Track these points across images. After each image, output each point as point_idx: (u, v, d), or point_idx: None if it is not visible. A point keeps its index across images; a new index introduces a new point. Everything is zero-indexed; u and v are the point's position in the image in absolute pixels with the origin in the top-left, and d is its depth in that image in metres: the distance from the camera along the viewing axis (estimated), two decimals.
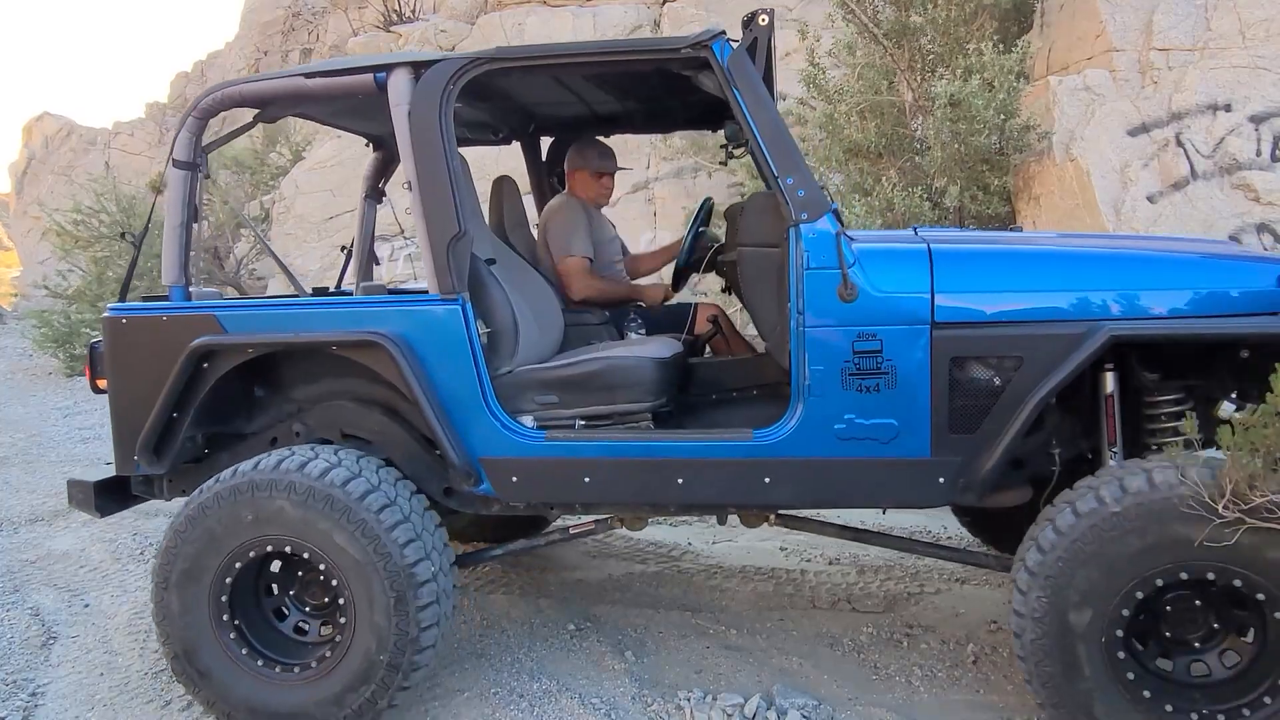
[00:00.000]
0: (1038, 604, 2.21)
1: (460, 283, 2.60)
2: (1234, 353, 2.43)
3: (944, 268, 2.41)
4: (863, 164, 6.54)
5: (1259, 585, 2.07)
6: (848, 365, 2.41)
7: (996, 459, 2.34)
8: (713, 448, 2.54)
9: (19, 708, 2.62)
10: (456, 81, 2.61)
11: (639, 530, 3.10)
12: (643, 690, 2.81)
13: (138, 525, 4.42)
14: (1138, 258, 2.57)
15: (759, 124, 2.46)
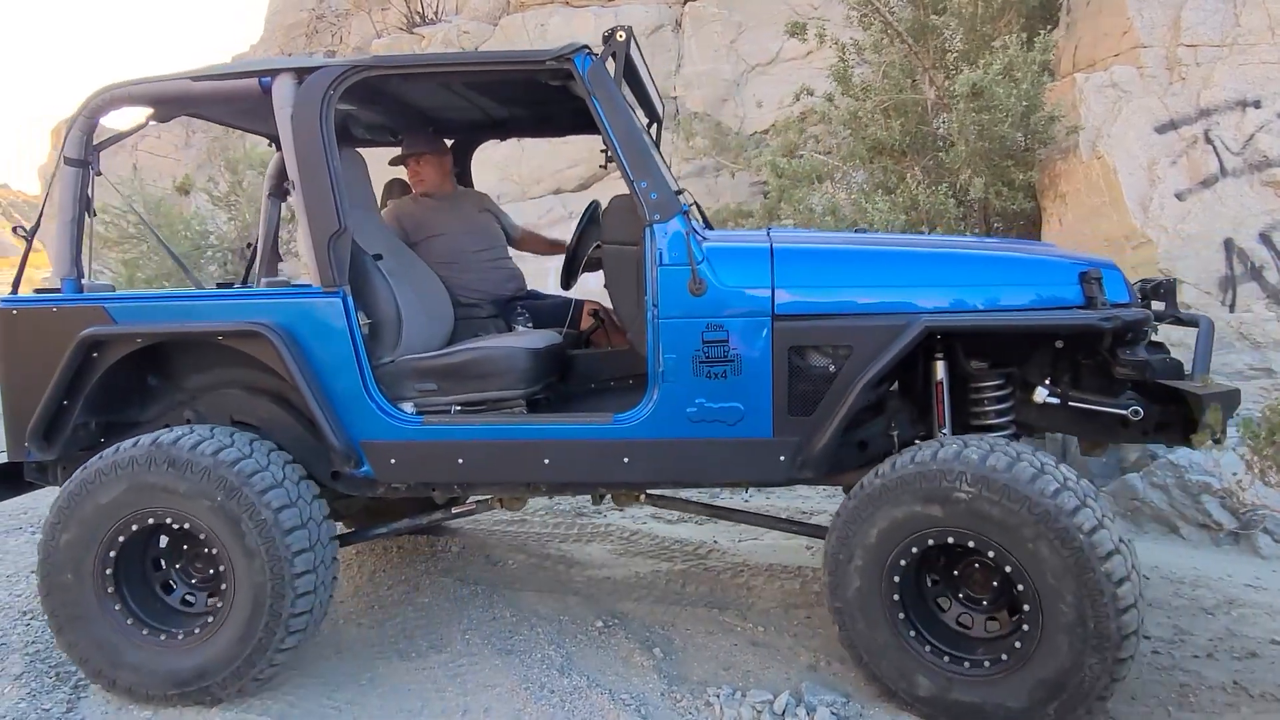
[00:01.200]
0: (834, 545, 2.55)
1: (341, 276, 2.77)
2: (1049, 343, 2.72)
3: (784, 265, 2.65)
4: (886, 162, 6.53)
5: (1009, 560, 2.34)
6: (698, 354, 2.63)
7: (828, 438, 2.58)
8: (577, 430, 2.77)
9: (63, 700, 2.69)
10: (337, 87, 2.78)
11: (516, 510, 3.33)
12: (671, 687, 2.84)
13: None
14: (955, 257, 2.83)
15: (616, 131, 2.66)
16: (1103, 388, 2.72)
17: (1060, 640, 2.30)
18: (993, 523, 2.34)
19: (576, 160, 9.99)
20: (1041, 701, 2.35)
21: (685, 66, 10.16)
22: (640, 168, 2.66)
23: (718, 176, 9.64)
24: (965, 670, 2.47)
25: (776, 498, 4.99)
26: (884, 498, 2.46)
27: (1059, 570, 2.27)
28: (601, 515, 4.80)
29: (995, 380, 2.77)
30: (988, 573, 2.51)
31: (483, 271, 3.77)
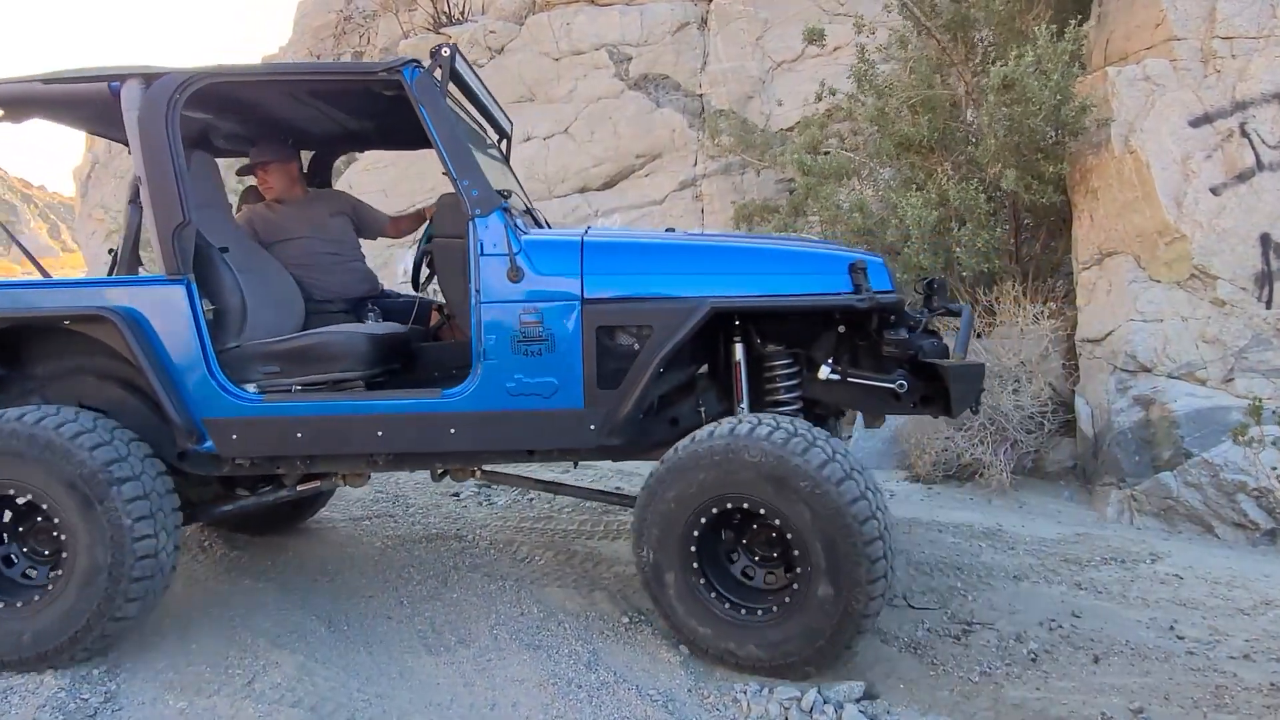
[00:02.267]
0: (642, 504, 2.84)
1: (185, 265, 2.98)
2: (832, 327, 3.11)
3: (592, 257, 2.96)
4: (914, 158, 6.48)
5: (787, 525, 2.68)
6: (516, 335, 2.92)
7: (630, 408, 2.90)
8: (407, 405, 3.01)
9: (103, 691, 2.74)
10: (181, 92, 2.99)
11: (359, 486, 3.53)
12: (698, 683, 2.84)
13: None
14: (741, 250, 3.16)
15: (440, 135, 2.93)
16: (877, 366, 3.12)
17: (825, 587, 2.65)
18: (770, 489, 2.67)
19: (601, 159, 10.01)
20: (800, 637, 2.72)
21: (711, 64, 10.14)
22: (463, 168, 2.94)
23: (743, 174, 9.61)
24: (755, 618, 2.80)
25: None
26: (683, 469, 2.76)
27: (823, 529, 2.62)
28: (628, 512, 4.81)
29: (785, 361, 3.14)
30: (771, 534, 2.84)
31: (334, 272, 3.92)
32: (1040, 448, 5.35)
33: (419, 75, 2.94)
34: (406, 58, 2.96)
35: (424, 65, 2.98)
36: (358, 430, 3.01)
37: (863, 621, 2.67)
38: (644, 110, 10.06)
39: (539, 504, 4.94)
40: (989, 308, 5.60)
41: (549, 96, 10.52)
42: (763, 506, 2.71)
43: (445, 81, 2.98)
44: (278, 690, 2.75)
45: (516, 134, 10.71)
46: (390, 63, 2.93)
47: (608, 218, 9.83)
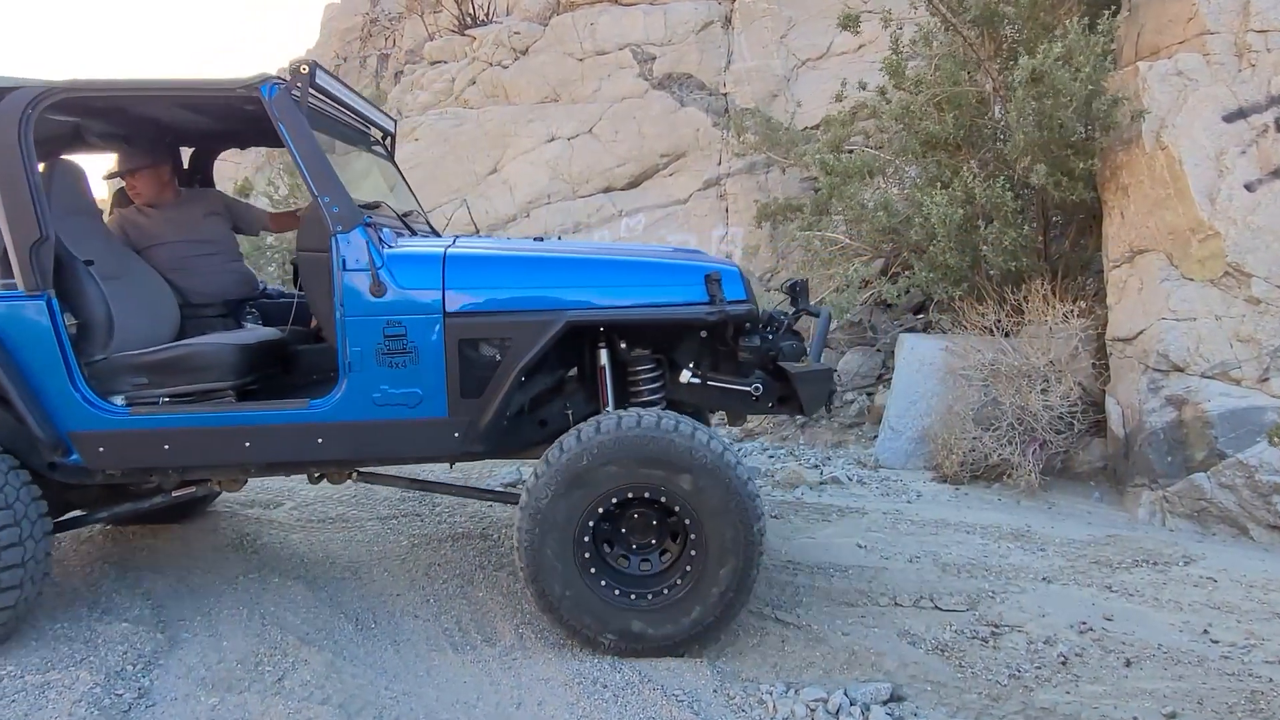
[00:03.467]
0: (534, 501, 2.85)
1: (44, 281, 2.97)
2: (694, 333, 3.21)
3: (454, 270, 3.00)
4: (940, 156, 6.43)
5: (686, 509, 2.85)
6: (380, 346, 2.96)
7: (491, 416, 2.98)
8: (275, 415, 3.04)
9: (137, 687, 2.78)
10: (35, 106, 2.98)
11: (235, 492, 3.58)
12: (724, 683, 2.83)
13: (236, 514, 4.62)
14: (600, 262, 3.21)
15: (300, 152, 2.96)
16: (737, 370, 3.27)
17: (721, 556, 2.85)
18: (664, 473, 2.82)
19: (626, 159, 10.01)
20: (714, 607, 2.89)
21: (735, 62, 10.12)
22: (323, 184, 2.96)
23: (768, 172, 9.58)
24: (652, 602, 2.92)
25: None
26: (573, 464, 2.83)
27: (719, 503, 2.82)
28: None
29: (648, 365, 3.26)
30: (658, 519, 2.97)
31: (210, 275, 3.88)
32: (1070, 448, 5.29)
33: (277, 92, 2.98)
34: (266, 75, 3.00)
35: (282, 82, 3.01)
36: (225, 441, 3.04)
37: (751, 589, 2.92)
38: (668, 110, 10.05)
39: None
40: (1017, 306, 5.54)
41: (573, 96, 10.54)
42: (654, 491, 2.85)
43: (305, 98, 3.01)
44: (307, 687, 2.77)
45: (541, 134, 10.77)
46: (249, 80, 2.97)
47: (632, 217, 9.84)
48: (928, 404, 5.76)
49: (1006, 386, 5.25)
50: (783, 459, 6.08)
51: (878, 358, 7.01)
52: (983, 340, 5.55)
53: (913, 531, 4.41)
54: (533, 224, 10.04)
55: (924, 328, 6.81)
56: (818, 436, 6.61)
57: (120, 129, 3.81)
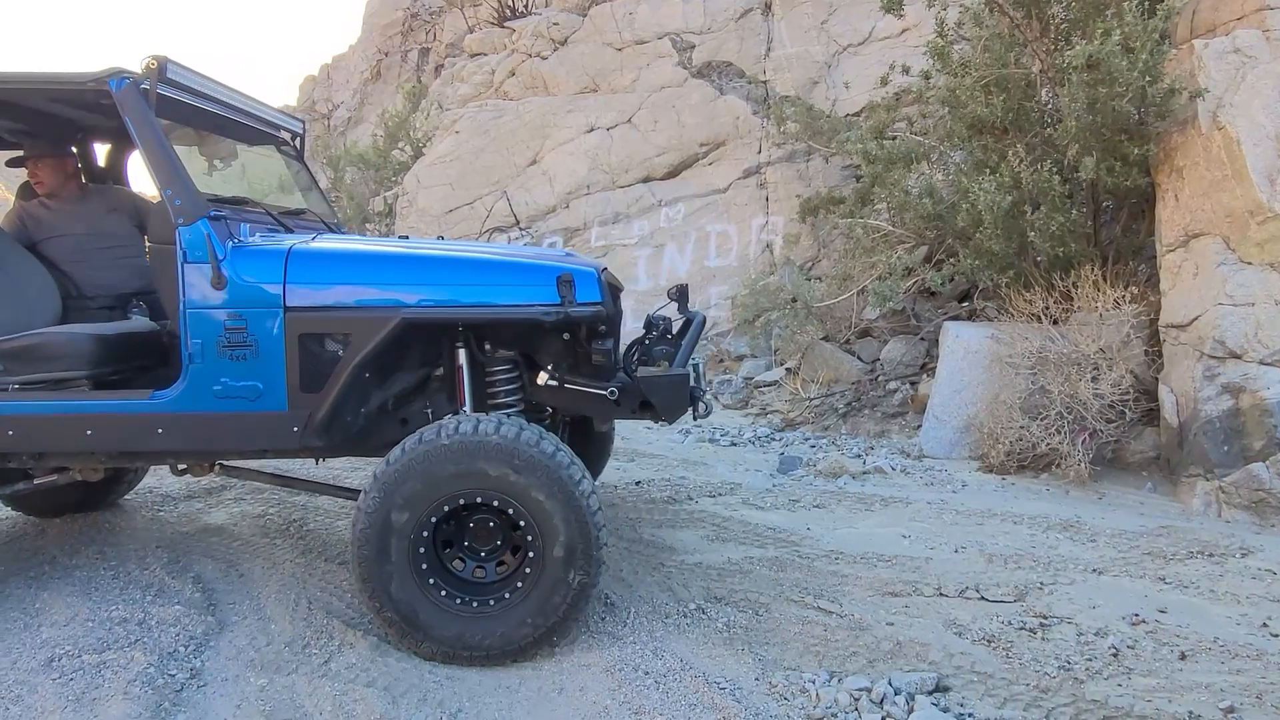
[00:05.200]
0: (371, 503, 2.79)
1: None
2: (555, 335, 3.17)
3: (296, 266, 2.99)
4: (987, 140, 6.31)
5: (522, 514, 2.81)
6: (221, 339, 2.95)
7: (325, 411, 2.96)
8: (116, 405, 3.05)
9: (189, 668, 2.84)
10: None
11: (94, 479, 3.59)
12: (765, 671, 2.82)
13: (284, 501, 4.70)
14: (446, 259, 3.17)
15: (144, 145, 2.99)
16: (598, 373, 3.21)
17: (559, 564, 2.81)
18: (545, 511, 2.79)
19: (665, 148, 9.98)
20: (553, 611, 2.84)
21: (775, 49, 10.03)
22: (166, 177, 2.98)
23: (809, 160, 9.49)
24: (486, 608, 2.87)
25: None
26: (411, 466, 2.79)
27: (557, 510, 2.78)
28: (693, 501, 4.80)
29: (505, 366, 3.24)
30: (496, 524, 2.94)
31: (106, 269, 3.91)
32: (1121, 437, 5.17)
33: (124, 85, 2.99)
34: (115, 69, 3.01)
35: (131, 75, 3.01)
36: (66, 429, 3.04)
37: (591, 590, 2.88)
38: (707, 98, 10.00)
39: (604, 493, 4.96)
40: (1066, 293, 5.42)
41: (612, 87, 10.53)
42: (487, 496, 2.81)
43: (154, 91, 3.01)
44: (353, 670, 2.81)
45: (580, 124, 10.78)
46: (97, 74, 2.99)
47: (671, 207, 9.81)
48: (973, 393, 5.67)
49: (1055, 375, 5.14)
50: (825, 449, 6.03)
51: (921, 346, 6.91)
52: (1030, 328, 5.44)
53: (958, 522, 4.35)
54: (572, 215, 10.07)
55: (969, 316, 6.69)
56: (860, 426, 6.53)
57: (22, 124, 3.86)
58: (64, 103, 3.59)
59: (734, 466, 5.68)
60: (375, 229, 12.31)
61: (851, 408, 6.76)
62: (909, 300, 7.25)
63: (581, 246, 9.87)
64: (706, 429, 6.75)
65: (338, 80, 22.09)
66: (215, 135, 3.80)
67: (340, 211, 12.59)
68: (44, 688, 2.67)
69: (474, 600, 2.88)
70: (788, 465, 5.49)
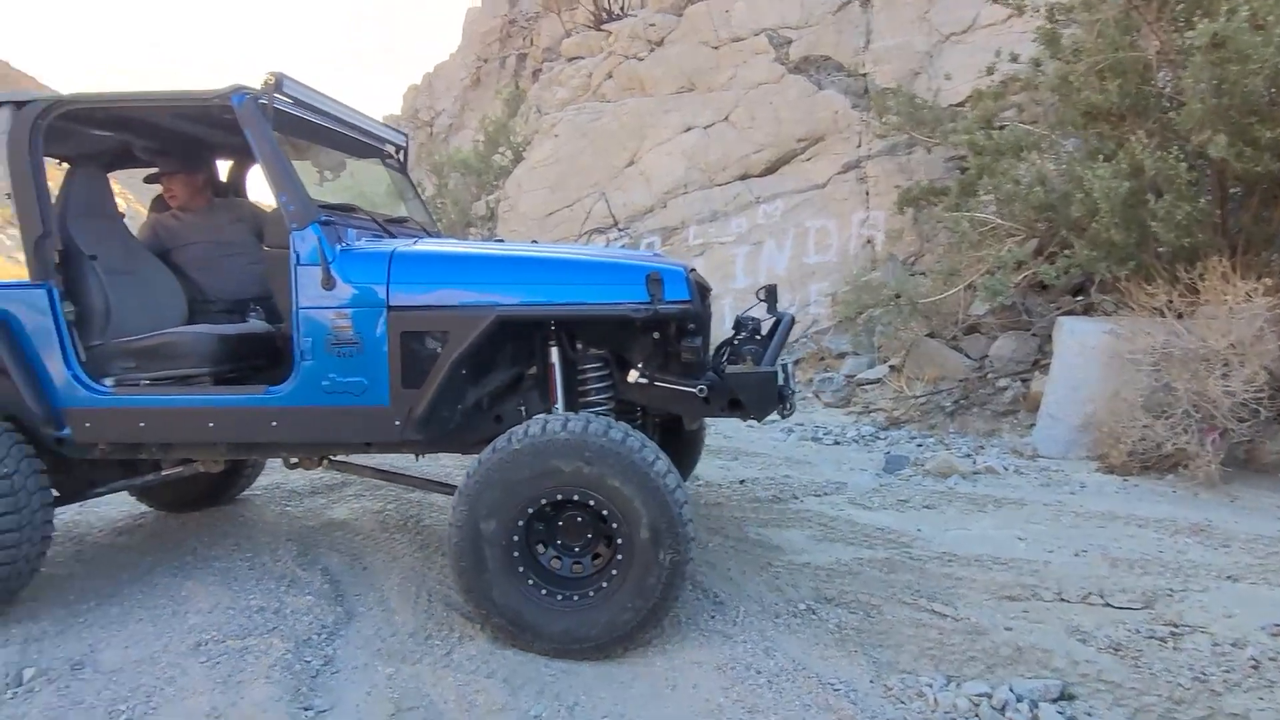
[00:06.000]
0: (459, 516, 2.91)
1: (46, 272, 3.30)
2: (646, 334, 3.23)
3: (399, 268, 3.14)
4: (1103, 127, 6.05)
5: (604, 504, 2.86)
6: (330, 337, 3.13)
7: (425, 407, 3.09)
8: (235, 400, 3.27)
9: (323, 655, 3.00)
10: (45, 116, 3.31)
11: (215, 471, 3.83)
12: (880, 674, 2.79)
13: (400, 498, 4.90)
14: (536, 260, 3.26)
15: (262, 156, 3.19)
16: (688, 371, 3.25)
17: (647, 546, 2.85)
18: (624, 496, 2.83)
19: (763, 145, 9.92)
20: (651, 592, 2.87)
21: (875, 41, 9.85)
22: (281, 185, 3.17)
23: (910, 153, 9.28)
24: (587, 600, 2.94)
25: None
26: (490, 476, 2.89)
27: (635, 494, 2.82)
28: (798, 500, 4.77)
29: (595, 364, 3.32)
30: (584, 518, 2.99)
31: (227, 275, 4.18)
32: (1255, 437, 4.89)
33: (245, 101, 3.20)
34: (237, 85, 3.22)
35: (250, 91, 3.22)
36: (190, 421, 3.26)
37: (685, 567, 2.89)
38: (805, 93, 9.90)
39: (708, 492, 4.99)
40: (1191, 285, 5.16)
41: (709, 85, 10.53)
42: (579, 494, 2.87)
43: (271, 106, 3.21)
44: (473, 661, 2.92)
45: (677, 124, 10.82)
46: (221, 91, 3.21)
47: (769, 204, 9.75)
48: (1091, 390, 5.45)
49: (1181, 371, 4.90)
50: (932, 448, 5.90)
51: (1033, 342, 6.68)
52: (1153, 322, 5.19)
53: (1077, 524, 4.20)
54: (669, 214, 10.12)
55: (1084, 310, 6.43)
56: (969, 425, 6.37)
57: (156, 143, 4.16)
58: (192, 120, 3.84)
59: (838, 465, 5.62)
60: (478, 233, 12.64)
61: (959, 406, 6.59)
62: (1019, 295, 7.01)
63: (679, 246, 9.90)
64: (809, 427, 6.69)
65: (439, 89, 22.75)
66: (326, 147, 4.02)
67: (444, 217, 12.97)
68: (193, 670, 2.87)
69: (574, 594, 2.96)
70: (894, 464, 5.40)
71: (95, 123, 3.75)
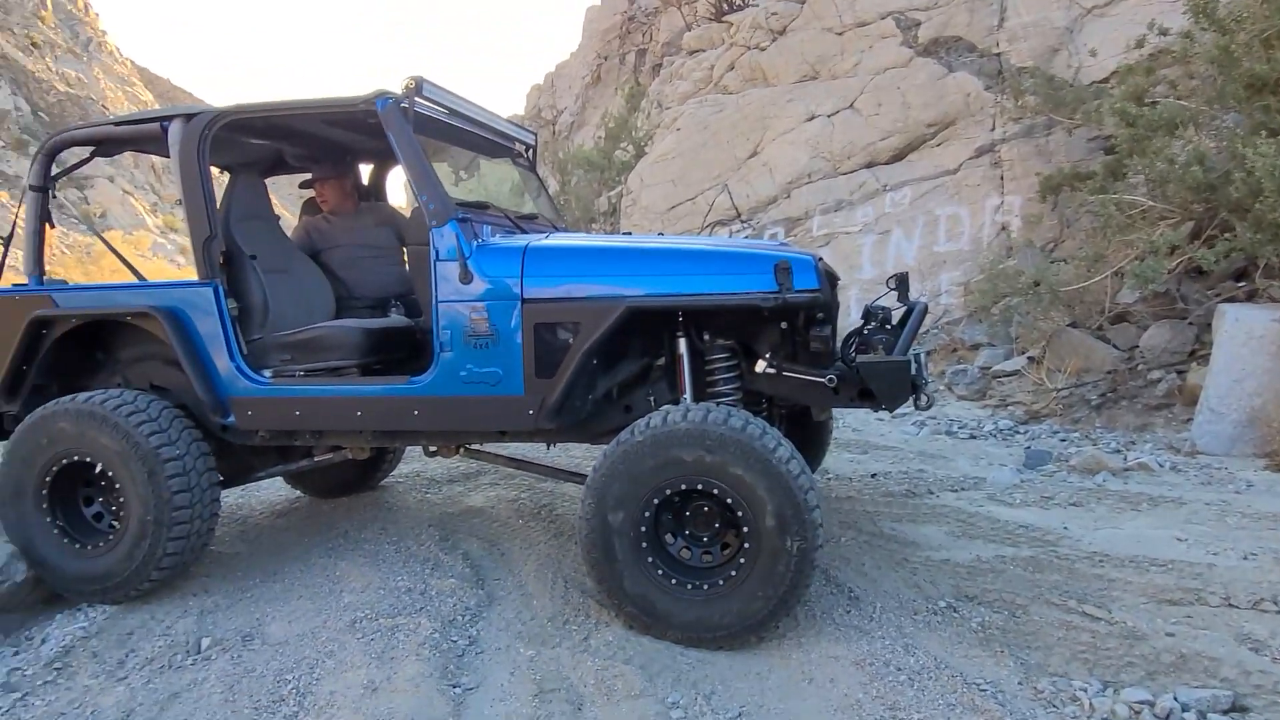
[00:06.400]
0: (588, 509, 3.00)
1: (212, 271, 3.52)
2: (773, 324, 3.27)
3: (532, 261, 3.23)
4: (1269, 100, 5.61)
5: (728, 492, 2.87)
6: (467, 329, 3.24)
7: (557, 396, 3.16)
8: (379, 389, 3.42)
9: (467, 636, 3.13)
10: (210, 127, 3.54)
11: (362, 458, 4.06)
12: (1029, 676, 2.69)
13: (534, 487, 5.03)
14: (665, 251, 3.28)
15: (404, 155, 3.35)
16: (816, 361, 3.25)
17: (774, 533, 2.83)
18: (746, 484, 2.83)
19: (890, 131, 9.66)
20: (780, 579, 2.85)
21: (1009, 19, 9.42)
22: (421, 184, 3.30)
23: (1049, 135, 8.84)
24: (718, 589, 2.93)
25: None
26: (615, 468, 2.95)
27: (759, 481, 2.82)
28: (934, 495, 4.64)
29: (723, 355, 3.32)
30: (711, 507, 3.00)
31: (372, 274, 4.40)
32: None
33: (388, 105, 3.35)
34: (381, 90, 3.38)
35: (393, 96, 3.36)
36: (340, 409, 3.45)
37: (813, 554, 2.86)
38: (934, 76, 9.57)
39: (839, 486, 4.91)
40: None
41: (833, 72, 10.33)
42: (705, 484, 2.89)
43: (411, 109, 3.34)
44: (610, 648, 2.97)
45: (800, 113, 10.69)
46: (366, 96, 3.36)
47: (897, 191, 9.49)
48: (1257, 382, 5.06)
49: None
50: (1077, 443, 5.62)
51: (1189, 331, 6.26)
52: None
53: (1244, 525, 3.92)
54: (793, 204, 9.99)
55: (1247, 297, 5.98)
56: (1117, 419, 6.02)
57: (306, 150, 4.43)
58: (338, 126, 4.06)
59: (975, 460, 5.42)
60: (600, 228, 12.82)
61: (1106, 399, 6.25)
62: (1173, 281, 6.58)
63: (803, 236, 9.77)
64: (942, 421, 6.49)
65: (560, 87, 23.18)
66: (461, 148, 4.17)
67: (567, 213, 13.21)
68: (350, 645, 3.04)
69: (704, 583, 2.96)
70: (1036, 460, 5.17)
71: (252, 131, 4.02)
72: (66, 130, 3.94)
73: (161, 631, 3.24)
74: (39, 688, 2.91)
